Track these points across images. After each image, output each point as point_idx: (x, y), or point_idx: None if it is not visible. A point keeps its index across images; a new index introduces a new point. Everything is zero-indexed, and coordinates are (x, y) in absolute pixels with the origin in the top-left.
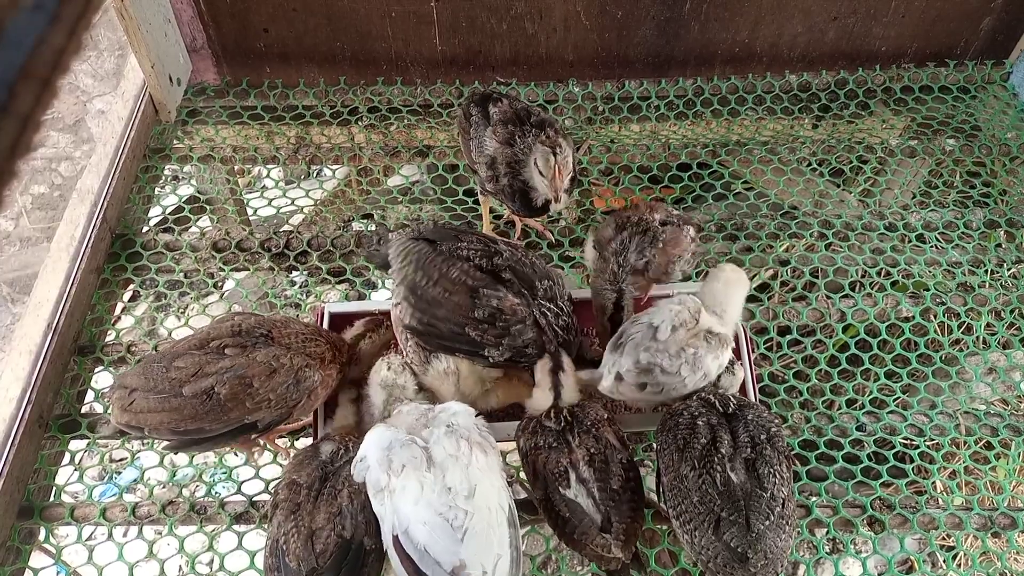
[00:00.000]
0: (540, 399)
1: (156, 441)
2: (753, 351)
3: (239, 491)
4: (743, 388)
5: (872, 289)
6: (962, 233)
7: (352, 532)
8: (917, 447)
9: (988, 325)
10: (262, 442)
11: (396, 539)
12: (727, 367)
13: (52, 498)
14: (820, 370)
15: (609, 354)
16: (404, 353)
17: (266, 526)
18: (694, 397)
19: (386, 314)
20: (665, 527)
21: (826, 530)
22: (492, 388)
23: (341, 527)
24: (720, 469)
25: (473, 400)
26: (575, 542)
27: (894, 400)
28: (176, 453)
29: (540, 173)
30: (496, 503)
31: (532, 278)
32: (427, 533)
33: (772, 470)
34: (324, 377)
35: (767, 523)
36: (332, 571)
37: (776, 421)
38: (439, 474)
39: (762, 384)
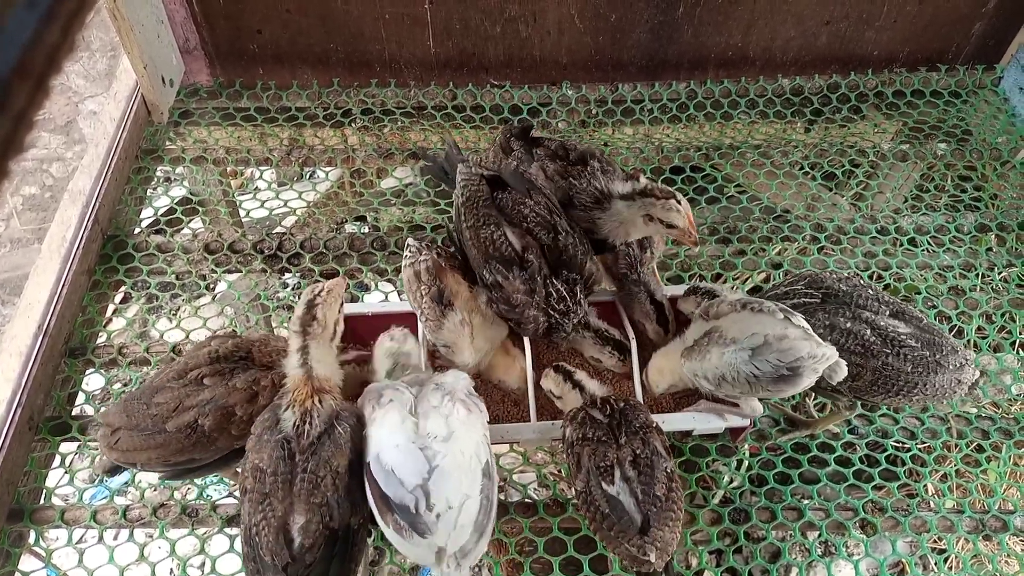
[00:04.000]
0: (572, 400)
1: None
2: None
3: (231, 494)
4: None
5: None
6: (953, 237)
7: (339, 521)
8: (909, 450)
9: (979, 328)
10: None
11: (368, 466)
12: None
13: (42, 501)
14: None
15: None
16: (420, 311)
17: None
18: None
19: (378, 317)
20: None
21: (818, 533)
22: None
23: (328, 518)
24: None
25: (485, 352)
26: (611, 539)
27: None
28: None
29: (669, 225)
30: (472, 452)
31: (564, 265)
32: (396, 455)
33: None
34: None
35: None
36: (323, 563)
37: None
38: (421, 422)
39: None
